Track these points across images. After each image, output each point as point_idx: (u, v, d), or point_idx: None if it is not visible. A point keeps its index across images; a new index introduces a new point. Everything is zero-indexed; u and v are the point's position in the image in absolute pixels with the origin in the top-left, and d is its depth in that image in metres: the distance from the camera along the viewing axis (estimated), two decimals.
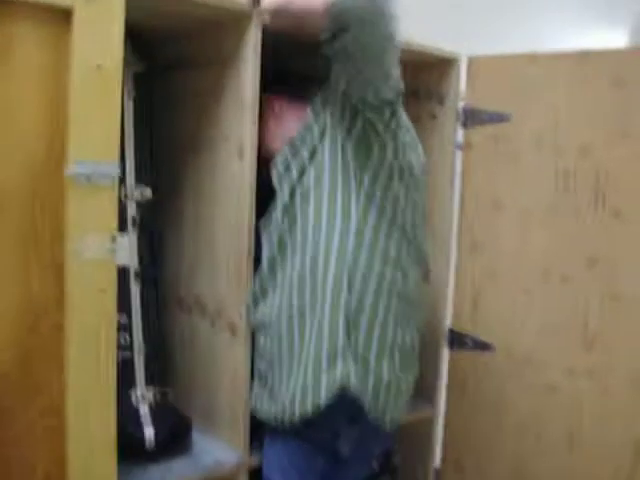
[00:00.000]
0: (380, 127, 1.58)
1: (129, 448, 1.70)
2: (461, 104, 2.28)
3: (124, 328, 1.80)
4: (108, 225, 1.45)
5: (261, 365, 1.71)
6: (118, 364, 1.53)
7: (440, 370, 2.38)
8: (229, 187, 1.79)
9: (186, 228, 1.97)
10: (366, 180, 1.60)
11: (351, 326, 1.56)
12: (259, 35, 1.70)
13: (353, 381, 1.55)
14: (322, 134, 1.62)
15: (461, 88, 2.28)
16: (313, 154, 1.61)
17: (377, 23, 1.45)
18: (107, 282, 1.46)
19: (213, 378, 1.89)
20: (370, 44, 1.47)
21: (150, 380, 1.83)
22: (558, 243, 2.13)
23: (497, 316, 2.26)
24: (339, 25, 1.44)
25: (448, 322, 2.38)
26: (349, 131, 1.61)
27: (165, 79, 2.01)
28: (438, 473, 2.45)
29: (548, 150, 2.13)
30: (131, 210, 1.82)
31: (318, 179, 1.62)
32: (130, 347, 1.81)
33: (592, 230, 2.07)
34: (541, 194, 2.15)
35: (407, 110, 2.31)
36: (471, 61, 2.27)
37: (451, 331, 2.36)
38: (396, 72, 1.55)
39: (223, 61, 1.79)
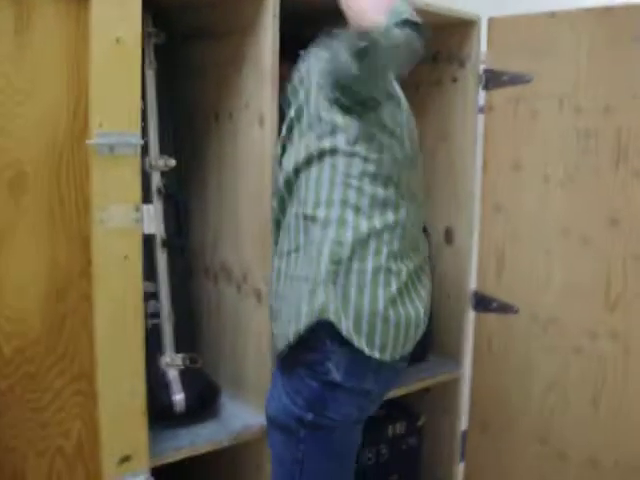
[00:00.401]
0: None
1: (159, 413, 1.75)
2: (482, 66, 2.26)
3: (152, 296, 1.83)
4: (132, 194, 1.48)
5: (272, 301, 1.74)
6: (147, 331, 1.56)
7: (466, 332, 2.40)
8: (250, 155, 1.81)
9: (210, 196, 1.99)
10: (367, 179, 1.61)
11: (335, 260, 1.58)
12: (277, 2, 1.71)
13: (331, 311, 1.57)
14: (306, 96, 1.64)
15: (482, 49, 2.27)
16: (299, 114, 1.63)
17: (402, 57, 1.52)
18: (132, 251, 1.49)
19: (239, 344, 1.93)
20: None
21: (179, 346, 1.87)
22: (579, 204, 2.12)
23: (520, 278, 2.27)
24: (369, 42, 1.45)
25: (473, 284, 2.38)
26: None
27: (185, 49, 2.02)
28: (465, 434, 2.47)
29: (569, 110, 2.11)
30: (156, 180, 1.84)
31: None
32: (158, 314, 1.85)
33: (613, 190, 2.05)
34: (562, 155, 2.14)
35: (428, 74, 2.32)
36: (491, 22, 2.25)
37: (476, 293, 2.36)
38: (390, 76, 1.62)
39: (243, 30, 1.80)
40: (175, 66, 1.99)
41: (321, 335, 1.59)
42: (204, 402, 1.86)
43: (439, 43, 2.31)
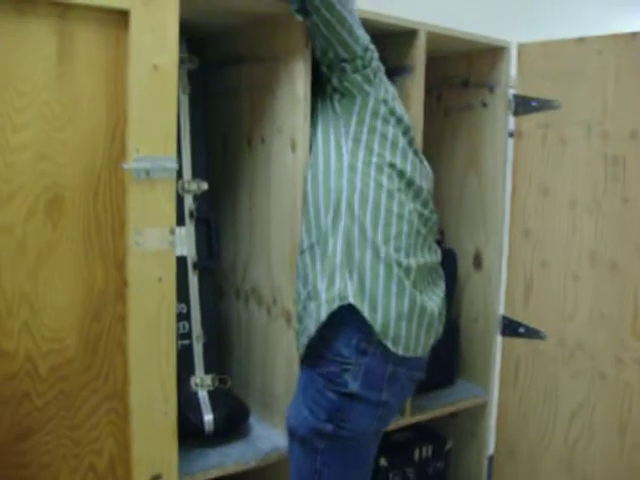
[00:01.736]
0: (359, 79, 1.69)
1: (189, 433, 1.77)
2: (511, 92, 2.28)
3: (183, 317, 1.86)
4: (167, 218, 1.51)
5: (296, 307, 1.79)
6: (178, 352, 1.58)
7: (493, 357, 2.39)
8: (282, 179, 1.83)
9: (242, 219, 2.02)
10: (353, 125, 1.71)
11: (349, 247, 1.65)
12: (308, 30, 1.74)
13: (350, 294, 1.63)
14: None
15: (511, 74, 2.28)
16: None
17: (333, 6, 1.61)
18: (166, 273, 1.52)
19: (269, 365, 1.94)
20: (330, 19, 1.62)
21: (209, 367, 1.89)
22: (607, 230, 2.11)
23: (548, 303, 2.26)
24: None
25: (501, 309, 2.38)
26: (334, 90, 1.72)
27: (219, 74, 2.06)
28: (491, 460, 2.46)
29: (597, 136, 2.11)
30: (188, 203, 1.87)
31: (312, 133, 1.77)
32: (189, 335, 1.87)
33: None
34: (590, 180, 2.14)
35: (457, 99, 2.34)
36: (521, 47, 2.26)
37: (504, 318, 2.36)
38: (361, 33, 1.68)
39: (275, 56, 1.83)
40: (208, 91, 2.02)
41: (338, 346, 1.64)
42: (233, 423, 1.88)
43: (469, 69, 2.34)
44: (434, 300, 1.76)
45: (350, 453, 1.70)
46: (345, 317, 1.63)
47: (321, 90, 1.77)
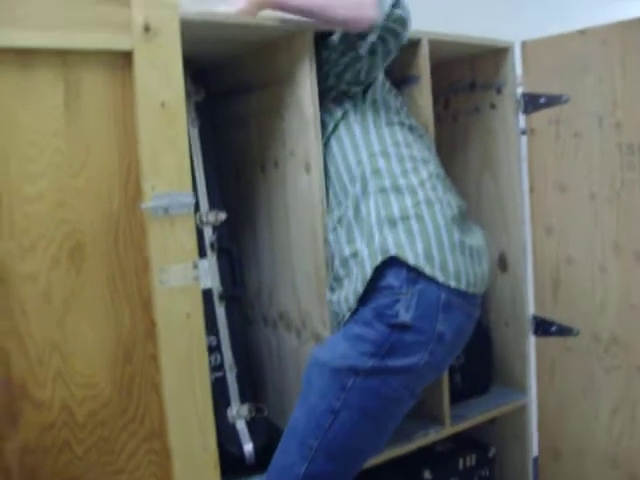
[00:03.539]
0: (378, 91, 1.82)
1: (230, 465, 1.76)
2: (519, 90, 2.27)
3: (213, 349, 1.85)
4: (189, 252, 1.50)
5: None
6: (212, 384, 1.58)
7: (528, 358, 2.37)
8: (300, 201, 1.83)
9: (263, 245, 2.01)
10: (359, 102, 1.80)
11: (386, 203, 1.69)
12: (312, 50, 1.74)
13: (391, 246, 1.64)
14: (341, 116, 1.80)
15: (518, 72, 2.27)
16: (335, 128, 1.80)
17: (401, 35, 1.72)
18: (194, 308, 1.51)
19: None
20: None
21: (244, 397, 1.88)
22: (628, 219, 2.09)
23: (577, 299, 2.24)
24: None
25: (531, 309, 2.36)
26: (363, 99, 1.81)
27: (226, 103, 2.06)
28: (536, 462, 2.44)
29: (609, 126, 2.10)
30: (208, 234, 1.87)
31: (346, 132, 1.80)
32: (221, 367, 1.87)
33: None
34: (606, 171, 2.12)
35: (465, 103, 2.33)
36: (524, 45, 2.26)
37: (535, 318, 2.34)
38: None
39: (280, 79, 1.83)
40: (216, 121, 2.03)
41: (388, 277, 1.63)
42: (273, 450, 1.86)
43: (474, 72, 2.33)
44: (475, 239, 1.77)
45: (377, 400, 1.63)
46: (391, 267, 1.62)
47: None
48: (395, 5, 1.63)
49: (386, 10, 1.61)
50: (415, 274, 1.61)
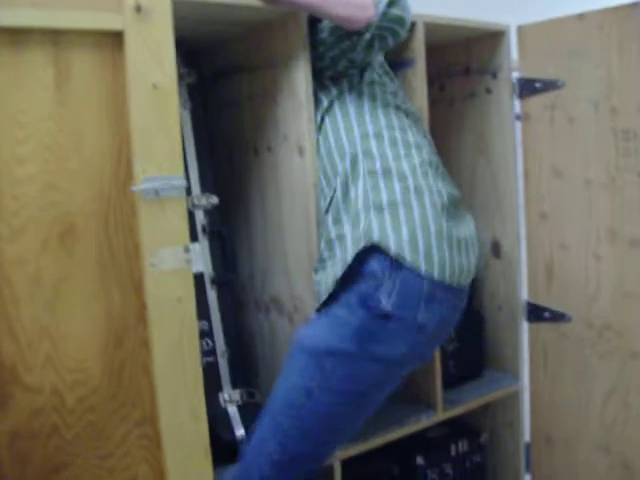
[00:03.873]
0: (375, 72, 1.80)
1: (222, 450, 1.75)
2: (515, 75, 2.25)
3: (205, 334, 1.84)
4: (181, 236, 1.48)
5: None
6: (203, 369, 1.56)
7: (521, 344, 2.37)
8: (293, 185, 1.81)
9: (255, 229, 2.00)
10: (356, 84, 1.77)
11: (375, 186, 1.66)
12: (306, 34, 1.72)
13: (376, 232, 1.60)
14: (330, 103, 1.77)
15: (513, 57, 2.26)
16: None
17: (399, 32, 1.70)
18: (185, 292, 1.50)
19: None
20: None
21: (236, 382, 1.88)
22: (624, 206, 2.08)
23: (571, 285, 2.23)
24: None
25: (524, 295, 2.36)
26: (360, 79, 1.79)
27: (218, 86, 2.04)
28: (529, 447, 2.44)
29: (605, 112, 2.08)
30: (200, 218, 1.86)
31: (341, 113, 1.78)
32: (213, 352, 1.86)
33: None
34: (602, 157, 2.10)
35: (461, 88, 2.32)
36: (520, 30, 2.24)
37: (528, 304, 2.34)
38: None
39: (273, 62, 1.81)
40: (209, 103, 2.01)
41: (372, 263, 1.60)
42: None
43: (469, 56, 2.31)
44: (465, 229, 1.74)
45: (354, 384, 1.62)
46: (374, 253, 1.60)
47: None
48: (390, 4, 1.61)
49: (382, 10, 1.61)
50: (398, 262, 1.60)
